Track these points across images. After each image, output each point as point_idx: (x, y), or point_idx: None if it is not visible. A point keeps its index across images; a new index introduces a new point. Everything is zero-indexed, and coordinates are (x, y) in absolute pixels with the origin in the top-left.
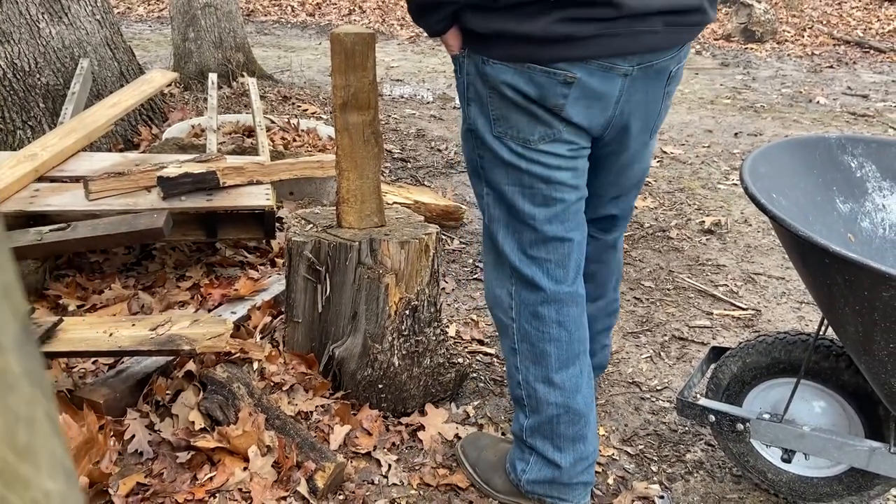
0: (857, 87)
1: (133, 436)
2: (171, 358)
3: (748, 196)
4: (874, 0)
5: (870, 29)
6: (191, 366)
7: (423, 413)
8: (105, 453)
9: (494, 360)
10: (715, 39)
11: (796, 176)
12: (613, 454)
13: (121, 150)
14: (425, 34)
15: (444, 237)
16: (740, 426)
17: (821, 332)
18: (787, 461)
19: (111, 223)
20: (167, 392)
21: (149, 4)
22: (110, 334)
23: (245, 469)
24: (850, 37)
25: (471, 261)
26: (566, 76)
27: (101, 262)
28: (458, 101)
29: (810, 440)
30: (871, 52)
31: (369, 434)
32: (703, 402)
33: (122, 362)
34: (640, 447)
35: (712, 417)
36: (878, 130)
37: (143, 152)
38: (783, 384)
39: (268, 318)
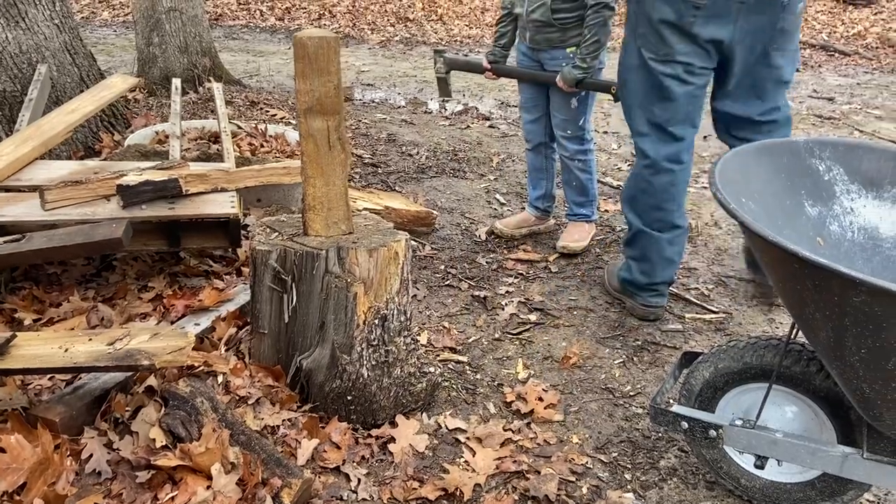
0: (823, 90)
1: (91, 455)
2: (131, 373)
3: (718, 201)
4: (839, 4)
5: (834, 32)
6: (152, 381)
7: (393, 425)
8: (61, 474)
9: (467, 367)
10: None
11: (765, 180)
12: (587, 462)
13: (81, 158)
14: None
15: (415, 243)
16: (713, 433)
17: (792, 337)
18: (761, 467)
19: (68, 234)
20: (127, 409)
21: (113, 9)
22: (66, 350)
23: (208, 488)
24: (816, 40)
25: (443, 267)
26: (696, 2)
27: (59, 274)
28: (430, 105)
29: (783, 446)
30: (836, 55)
31: (338, 448)
32: (675, 408)
33: (80, 378)
34: (614, 454)
35: (685, 424)
36: (845, 132)
37: (105, 160)
38: (755, 389)
39: (233, 330)
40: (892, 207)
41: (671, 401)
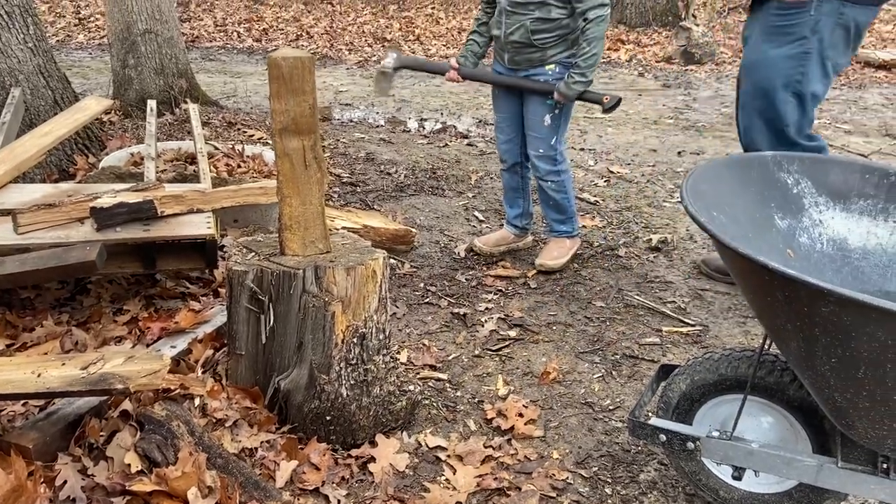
0: None
1: (65, 482)
2: (106, 398)
3: (689, 215)
4: None
5: None
6: (126, 405)
7: (373, 444)
8: (35, 501)
9: (447, 385)
10: (657, 62)
11: (736, 193)
12: (568, 478)
13: (55, 181)
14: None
15: (394, 261)
16: (690, 444)
17: (765, 348)
18: (738, 478)
19: (41, 257)
20: (101, 434)
21: (89, 32)
22: (38, 375)
23: None
24: None
25: (422, 284)
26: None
27: (33, 298)
28: (409, 124)
29: (759, 457)
30: None
31: (317, 469)
32: (653, 421)
33: (53, 404)
34: (595, 469)
35: (663, 437)
36: None
37: (79, 182)
38: (731, 401)
39: (210, 352)
40: (858, 219)
41: (650, 414)
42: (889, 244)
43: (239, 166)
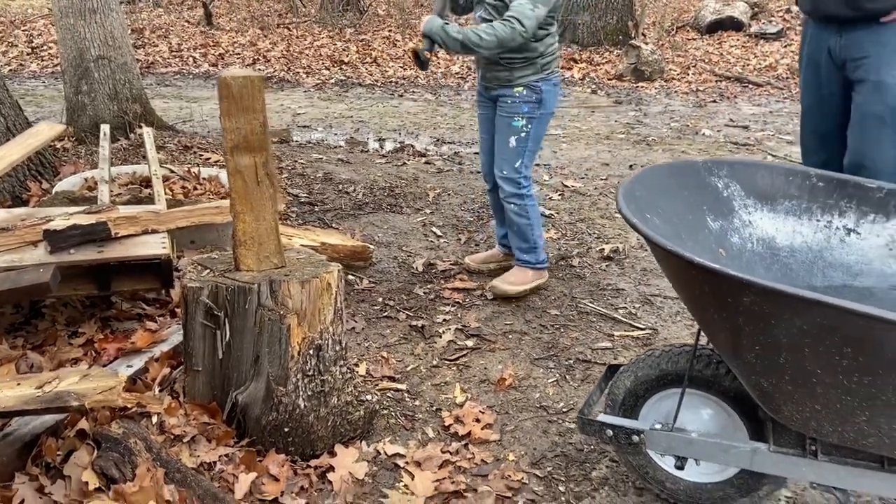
0: (739, 118)
1: (22, 501)
2: (62, 417)
3: (622, 216)
4: (751, 39)
5: (748, 65)
6: (83, 424)
7: (332, 454)
8: None
9: (405, 395)
10: (608, 79)
11: (670, 198)
12: (523, 478)
13: (8, 207)
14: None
15: (352, 277)
16: (636, 438)
17: (700, 343)
18: (681, 468)
19: None
20: (58, 453)
21: (42, 60)
22: None
23: None
24: (731, 73)
25: (380, 299)
26: None
27: None
28: (368, 144)
29: (698, 446)
30: (750, 86)
31: (276, 480)
32: (600, 417)
33: (9, 424)
34: (549, 469)
35: (610, 432)
36: (759, 157)
37: (33, 208)
38: (673, 395)
39: (167, 370)
40: (785, 219)
41: (599, 412)
42: (813, 242)
43: (195, 188)
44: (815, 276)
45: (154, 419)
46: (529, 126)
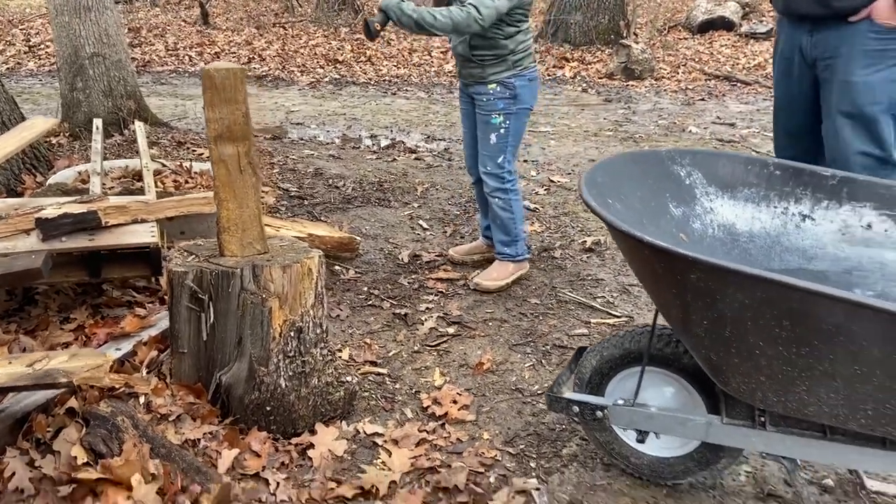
0: (726, 116)
1: (13, 473)
2: (52, 396)
3: (583, 201)
4: (741, 38)
5: (737, 64)
6: (73, 402)
7: (312, 432)
8: None
9: (386, 378)
10: (599, 78)
11: (633, 184)
12: (496, 455)
13: (3, 198)
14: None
15: (339, 267)
16: (599, 413)
17: (657, 322)
18: (642, 441)
19: None
20: (48, 429)
21: (39, 59)
22: None
23: (129, 498)
24: (720, 72)
25: (366, 288)
26: None
27: None
28: (359, 141)
29: (658, 420)
30: (739, 84)
31: (258, 456)
32: (567, 395)
33: (2, 402)
34: (521, 447)
35: (576, 408)
36: (744, 153)
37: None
38: (636, 373)
39: (154, 353)
40: (744, 206)
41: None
42: (771, 227)
43: (186, 182)
44: (772, 260)
45: (141, 399)
46: (507, 122)
